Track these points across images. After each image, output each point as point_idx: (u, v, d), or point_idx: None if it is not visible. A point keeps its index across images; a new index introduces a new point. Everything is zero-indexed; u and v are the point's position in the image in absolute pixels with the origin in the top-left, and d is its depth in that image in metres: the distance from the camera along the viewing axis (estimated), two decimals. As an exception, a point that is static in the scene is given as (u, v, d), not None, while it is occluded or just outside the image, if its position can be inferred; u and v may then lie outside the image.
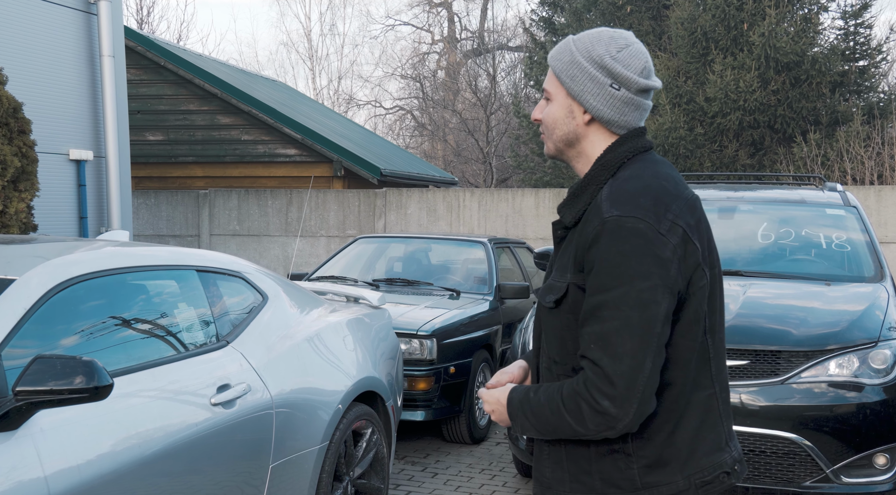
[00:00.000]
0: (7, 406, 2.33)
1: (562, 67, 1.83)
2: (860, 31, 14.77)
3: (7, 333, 2.49)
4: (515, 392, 1.83)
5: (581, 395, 1.67)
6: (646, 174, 1.80)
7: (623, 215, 1.70)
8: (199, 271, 3.44)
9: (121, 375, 2.76)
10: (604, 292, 1.68)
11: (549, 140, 1.88)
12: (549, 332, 1.84)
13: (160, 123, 12.49)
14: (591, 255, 1.71)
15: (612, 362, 1.65)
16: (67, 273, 2.80)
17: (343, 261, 7.26)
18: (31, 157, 5.17)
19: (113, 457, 2.62)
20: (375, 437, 4.13)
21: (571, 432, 1.72)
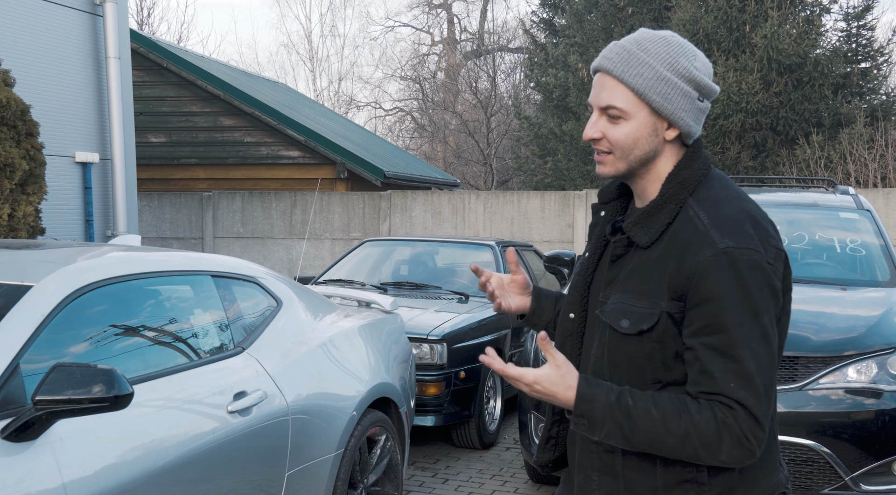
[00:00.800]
0: (27, 415, 2.29)
1: (645, 84, 1.68)
2: (862, 33, 14.77)
3: (25, 340, 2.45)
4: (595, 388, 1.65)
5: (730, 429, 1.59)
6: (731, 195, 1.73)
7: (738, 246, 1.62)
8: (214, 276, 3.40)
9: (138, 383, 2.72)
10: (733, 329, 1.60)
11: (622, 161, 1.72)
12: (620, 357, 1.71)
13: (162, 125, 12.45)
14: (703, 288, 1.61)
15: (758, 403, 1.60)
16: (84, 279, 2.75)
17: (350, 264, 7.22)
18: (39, 160, 5.12)
19: (131, 466, 2.58)
20: (389, 444, 4.09)
21: (688, 455, 1.62)
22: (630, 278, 1.71)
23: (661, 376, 1.67)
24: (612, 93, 1.70)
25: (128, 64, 7.19)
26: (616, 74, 1.69)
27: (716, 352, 1.60)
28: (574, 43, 16.46)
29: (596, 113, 1.73)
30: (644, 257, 1.70)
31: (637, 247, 1.72)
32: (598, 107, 1.72)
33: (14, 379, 2.38)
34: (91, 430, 2.50)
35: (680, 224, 1.68)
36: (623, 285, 1.72)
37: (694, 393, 1.63)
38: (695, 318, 1.62)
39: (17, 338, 2.43)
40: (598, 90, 1.72)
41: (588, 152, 15.39)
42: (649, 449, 1.63)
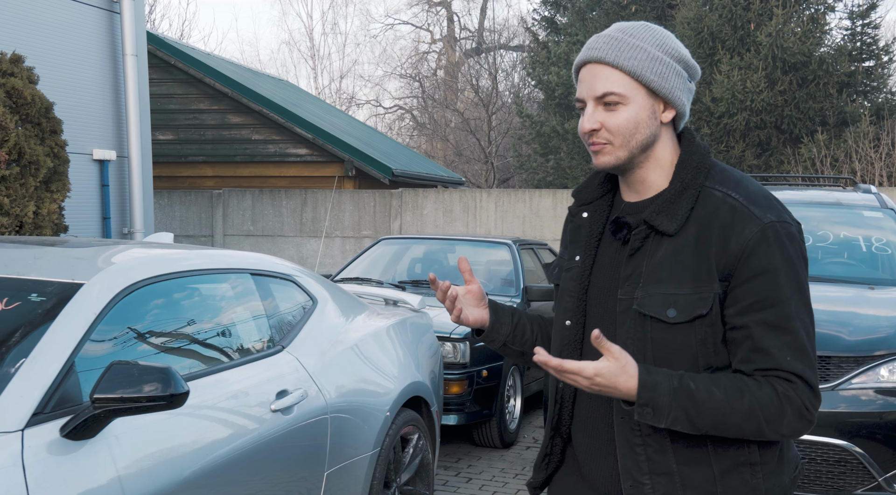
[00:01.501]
0: (86, 414, 2.27)
1: (642, 65, 1.67)
2: (867, 32, 14.75)
3: (80, 338, 2.43)
4: (657, 376, 1.61)
5: (791, 401, 1.61)
6: (743, 175, 1.76)
7: (778, 220, 1.65)
8: (253, 274, 3.38)
9: (187, 381, 2.70)
10: (784, 303, 1.62)
11: (623, 148, 1.70)
12: (668, 349, 1.66)
13: (170, 123, 12.42)
14: (752, 263, 1.62)
15: (813, 375, 1.63)
16: (132, 277, 2.74)
17: (366, 262, 7.21)
18: (63, 158, 5.09)
19: (184, 464, 2.56)
20: (421, 443, 4.08)
21: (752, 433, 1.63)
22: (661, 268, 1.67)
23: (713, 360, 1.66)
24: (607, 80, 1.68)
25: (144, 61, 7.17)
26: (610, 61, 1.68)
27: (769, 326, 1.61)
28: (576, 41, 16.45)
29: (591, 104, 1.70)
30: (673, 245, 1.67)
31: (659, 237, 1.69)
32: (593, 97, 1.70)
33: (70, 378, 2.37)
34: (144, 428, 2.49)
35: (709, 206, 1.67)
36: (653, 276, 1.67)
37: (748, 371, 1.64)
38: (744, 295, 1.62)
39: (72, 336, 2.42)
40: (591, 81, 1.70)
41: (590, 151, 15.30)
42: (713, 430, 1.62)
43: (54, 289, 2.55)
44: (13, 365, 2.29)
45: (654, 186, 1.76)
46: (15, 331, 2.43)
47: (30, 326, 2.44)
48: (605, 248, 1.79)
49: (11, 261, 2.77)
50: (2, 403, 2.19)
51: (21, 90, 4.77)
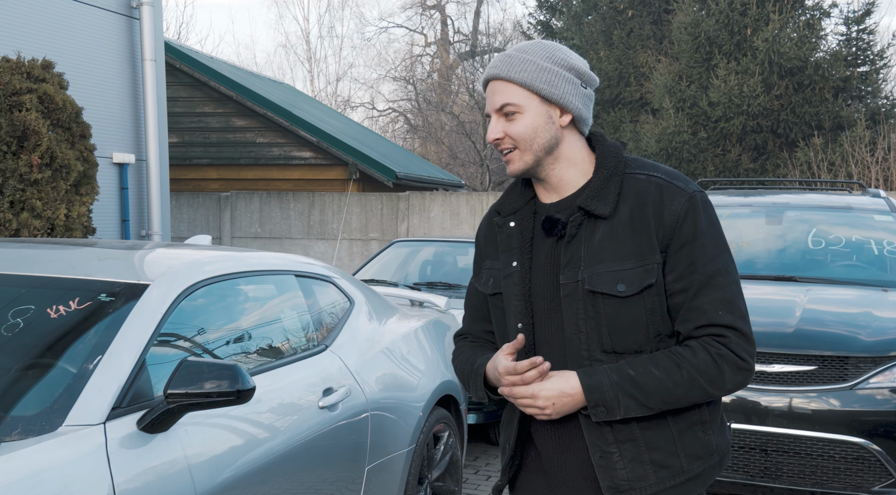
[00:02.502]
0: (160, 408, 2.37)
1: (531, 76, 1.84)
2: (862, 37, 14.89)
3: (150, 335, 2.53)
4: (598, 377, 1.77)
5: (725, 358, 1.77)
6: (650, 159, 2.01)
7: (698, 190, 1.86)
8: (298, 276, 3.49)
9: (244, 379, 2.80)
10: (713, 261, 1.80)
11: (528, 152, 1.86)
12: (623, 321, 1.80)
13: (175, 125, 12.48)
14: (684, 231, 1.81)
15: (745, 323, 1.81)
16: (193, 277, 2.84)
17: (380, 264, 7.30)
18: (92, 161, 5.18)
19: (243, 458, 2.66)
20: (451, 440, 4.18)
21: (699, 397, 1.79)
22: (602, 249, 1.82)
23: (662, 328, 1.82)
24: (503, 93, 1.86)
25: (162, 66, 7.25)
26: (504, 76, 1.85)
27: (702, 285, 1.79)
28: (573, 45, 16.56)
29: (494, 117, 1.88)
30: (609, 226, 1.83)
31: (593, 222, 1.84)
32: (494, 110, 1.88)
33: (142, 374, 2.46)
34: (209, 423, 2.59)
35: (636, 189, 1.85)
36: (595, 257, 1.82)
37: (686, 331, 1.80)
38: (679, 261, 1.80)
39: (143, 334, 2.51)
40: (492, 96, 1.89)
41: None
42: (665, 406, 1.79)
43: (122, 289, 2.65)
44: (91, 361, 2.39)
45: (572, 184, 1.91)
46: (88, 329, 2.52)
47: (102, 325, 2.53)
48: (538, 250, 1.92)
49: (78, 262, 2.86)
50: (85, 398, 2.28)
51: (52, 95, 4.87)
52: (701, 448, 1.85)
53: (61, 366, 2.42)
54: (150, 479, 2.29)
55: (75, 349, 2.48)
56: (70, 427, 2.22)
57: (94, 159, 5.24)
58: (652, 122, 14.38)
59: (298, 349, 3.26)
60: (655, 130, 13.83)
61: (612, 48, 15.76)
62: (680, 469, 1.83)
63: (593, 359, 1.81)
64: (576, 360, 1.83)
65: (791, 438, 4.18)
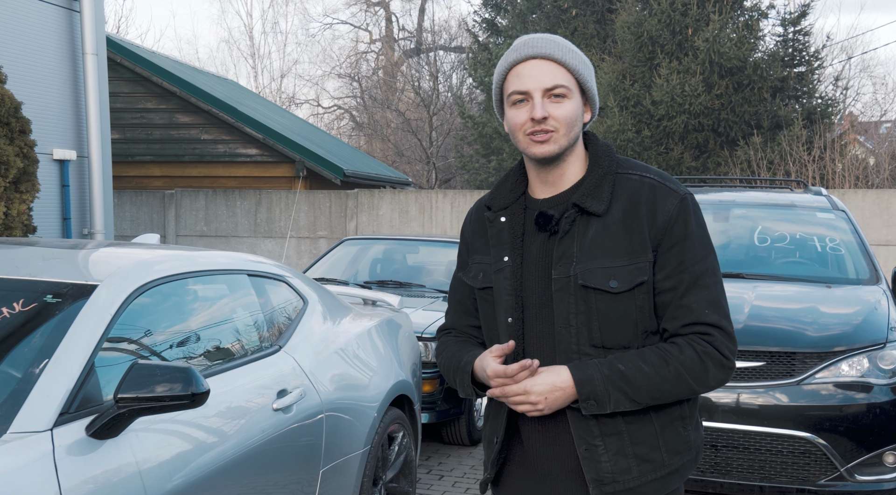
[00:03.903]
0: (110, 413, 2.29)
1: (580, 67, 1.87)
2: (798, 39, 15.19)
3: (99, 338, 2.45)
4: (589, 370, 1.79)
5: (711, 356, 1.82)
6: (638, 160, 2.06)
7: (689, 192, 1.90)
8: (250, 275, 3.42)
9: (197, 381, 2.73)
10: (701, 261, 1.85)
11: (564, 138, 1.86)
12: (612, 317, 1.82)
13: (116, 122, 12.19)
14: (675, 231, 1.84)
15: (728, 323, 1.85)
16: (143, 278, 2.76)
17: (329, 262, 7.23)
18: (32, 158, 5.01)
19: (196, 463, 2.60)
20: (406, 441, 4.15)
21: (684, 393, 1.84)
22: (595, 245, 1.84)
23: (649, 326, 1.86)
24: (555, 74, 1.85)
25: (104, 60, 7.06)
26: (557, 57, 1.84)
27: (690, 285, 1.84)
28: (517, 43, 16.62)
29: (539, 95, 1.84)
30: (602, 224, 1.85)
31: (586, 219, 1.86)
32: (542, 89, 1.84)
33: (91, 378, 2.39)
34: (161, 428, 2.51)
35: (629, 188, 1.88)
36: (588, 254, 1.84)
37: (673, 329, 1.84)
38: (669, 260, 1.84)
39: (92, 336, 2.43)
40: (538, 75, 1.84)
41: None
42: (652, 401, 1.83)
43: (69, 290, 2.56)
44: (37, 365, 2.30)
45: (569, 179, 1.93)
46: (33, 332, 2.44)
47: (48, 327, 2.45)
48: (529, 244, 1.92)
49: (21, 262, 2.76)
50: (31, 404, 2.20)
51: (-10, 90, 4.70)
52: (681, 443, 1.89)
53: (5, 371, 2.33)
54: (100, 487, 2.21)
55: (20, 352, 2.39)
56: (15, 434, 2.13)
57: (34, 155, 5.07)
58: (597, 120, 14.52)
59: (251, 350, 3.19)
60: (600, 128, 13.96)
61: (558, 47, 15.85)
62: (661, 463, 1.86)
63: (582, 353, 1.84)
64: (565, 354, 1.85)
65: (740, 433, 4.24)
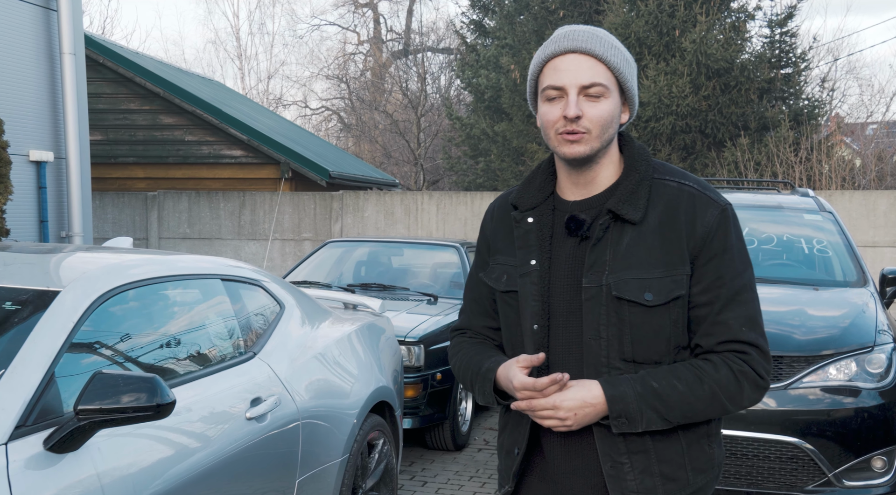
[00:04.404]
0: (70, 426, 2.20)
1: (621, 65, 1.75)
2: (785, 40, 15.19)
3: (59, 347, 2.35)
4: (622, 387, 1.71)
5: (747, 376, 1.74)
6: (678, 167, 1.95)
7: (729, 203, 1.81)
8: (224, 280, 3.32)
9: (165, 391, 2.64)
10: (740, 276, 1.76)
11: (597, 139, 1.75)
12: (645, 331, 1.74)
13: (99, 123, 12.06)
14: (714, 244, 1.76)
15: (765, 341, 1.78)
16: (109, 283, 2.66)
17: (312, 265, 7.13)
18: (5, 159, 4.90)
19: (163, 475, 2.50)
20: (386, 448, 4.06)
21: (717, 412, 1.77)
22: (630, 254, 1.74)
23: (681, 340, 1.78)
24: (593, 71, 1.73)
25: (82, 60, 6.94)
26: (597, 53, 1.72)
27: (727, 300, 1.75)
28: (505, 44, 16.59)
29: (574, 92, 1.72)
30: (638, 232, 1.75)
31: (621, 225, 1.76)
32: (578, 85, 1.72)
33: (51, 388, 2.29)
34: (126, 439, 2.42)
35: (667, 195, 1.78)
36: (622, 263, 1.74)
37: (708, 345, 1.76)
38: (706, 273, 1.75)
39: (52, 346, 2.34)
40: (576, 70, 1.73)
41: (520, 153, 15.52)
42: (684, 420, 1.75)
43: (30, 296, 2.46)
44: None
45: (601, 183, 1.83)
46: (-9, 340, 2.34)
47: (6, 336, 2.35)
48: (558, 248, 1.82)
49: (-20, 267, 2.66)
50: (-15, 417, 2.10)
51: (-40, 89, 4.57)
52: (706, 461, 1.83)
53: (-39, 382, 2.23)
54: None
55: (-23, 363, 2.29)
56: (-31, 449, 2.04)
57: (7, 157, 4.96)
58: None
59: (225, 357, 3.10)
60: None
61: (545, 48, 15.84)
62: (686, 481, 1.80)
63: (611, 366, 1.75)
64: (593, 366, 1.76)
65: (727, 439, 4.17)
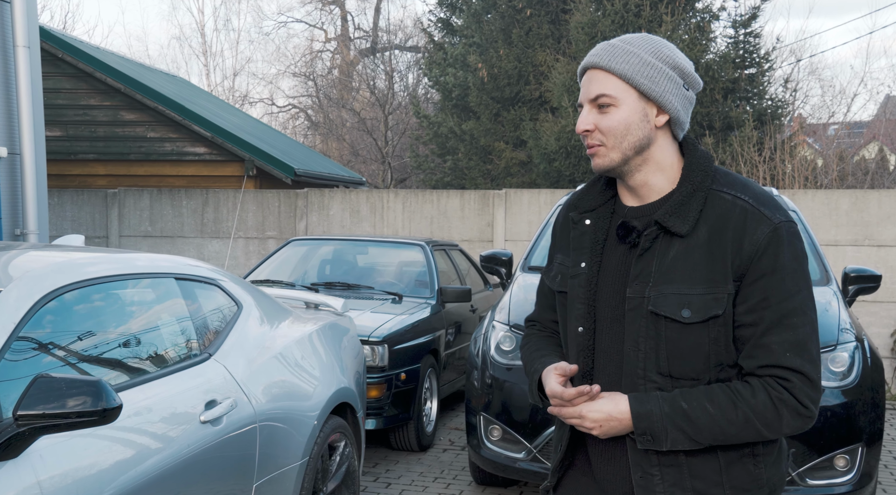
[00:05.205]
0: (9, 432, 2.10)
1: (632, 69, 1.75)
2: (749, 41, 15.31)
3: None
4: (649, 405, 1.70)
5: (786, 403, 1.67)
6: (744, 178, 1.82)
7: (786, 220, 1.72)
8: (178, 279, 3.22)
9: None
10: (790, 299, 1.69)
11: (616, 150, 1.76)
12: (682, 348, 1.71)
13: (58, 118, 11.82)
14: (764, 263, 1.69)
15: (813, 368, 1.69)
16: (52, 283, 2.56)
17: (275, 264, 7.02)
18: (-46, 154, 4.74)
19: (112, 482, 2.41)
20: (348, 450, 3.98)
21: (752, 437, 1.70)
22: (674, 269, 1.72)
23: (724, 358, 1.72)
24: (601, 83, 1.76)
25: (37, 53, 6.76)
26: (604, 65, 1.76)
27: (773, 323, 1.68)
28: (473, 43, 16.55)
29: (587, 107, 1.78)
30: (683, 246, 1.72)
31: (669, 238, 1.73)
32: (588, 100, 1.78)
33: (-10, 393, 2.19)
34: (70, 445, 2.32)
35: (720, 209, 1.73)
36: (665, 277, 1.72)
37: (750, 368, 1.70)
38: (752, 293, 1.69)
39: (-9, 348, 2.23)
40: (587, 85, 1.79)
41: (488, 152, 15.49)
42: (715, 442, 1.70)
43: (-32, 296, 2.35)
44: (-73, 381, 2.10)
45: (657, 190, 1.80)
46: (-74, 343, 2.23)
47: (-57, 338, 2.24)
48: (609, 254, 1.83)
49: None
50: (-83, 423, 2.00)
51: None
52: (750, 481, 1.75)
53: None
54: (-3, 514, 2.02)
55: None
56: None
57: (-44, 152, 4.79)
58: (551, 121, 14.47)
59: (178, 359, 3.00)
60: (555, 128, 13.90)
61: (512, 47, 15.82)
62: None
63: (648, 379, 1.74)
64: (631, 377, 1.76)
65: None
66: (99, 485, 2.36)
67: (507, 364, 4.64)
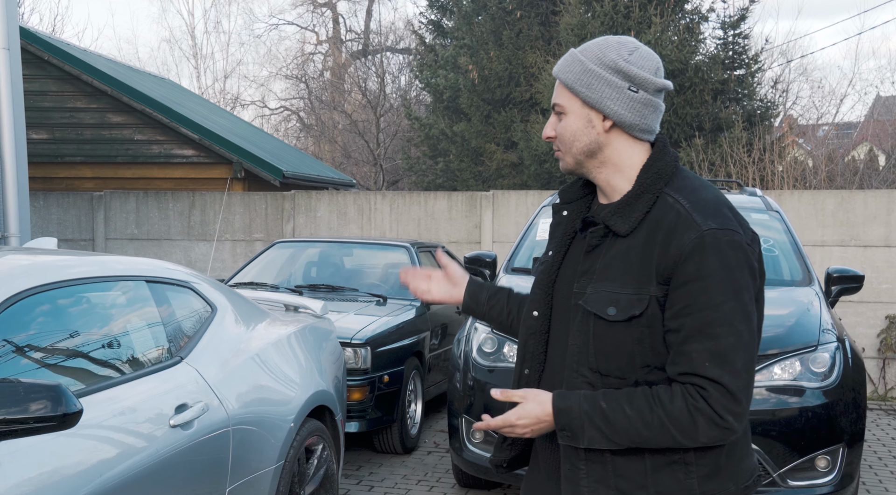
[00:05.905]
0: (-34, 439, 2.06)
1: (573, 78, 1.81)
2: (738, 42, 15.34)
3: (-42, 356, 2.22)
4: (570, 401, 1.73)
5: (702, 412, 1.66)
6: (705, 184, 1.83)
7: (720, 227, 1.70)
8: (149, 282, 3.19)
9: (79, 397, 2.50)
10: (714, 308, 1.66)
11: (568, 154, 1.85)
12: (607, 345, 1.74)
13: (44, 121, 11.77)
14: (687, 269, 1.68)
15: (734, 379, 1.66)
16: (16, 286, 2.52)
17: (260, 266, 6.99)
18: (-70, 156, 4.70)
19: (74, 489, 2.37)
20: (326, 453, 3.95)
21: (670, 443, 1.70)
22: (610, 267, 1.76)
23: (650, 360, 1.73)
24: (556, 92, 1.85)
25: (17, 55, 6.71)
26: (556, 75, 1.84)
27: (693, 330, 1.67)
28: (463, 45, 16.55)
29: (553, 114, 1.87)
30: (623, 245, 1.76)
31: (614, 237, 1.78)
32: (552, 108, 1.87)
33: (-52, 399, 2.15)
34: (31, 452, 2.29)
35: (661, 211, 1.75)
36: (603, 274, 1.76)
37: (672, 375, 1.71)
38: (677, 299, 1.69)
39: (-50, 353, 2.20)
40: (553, 94, 1.87)
41: (479, 153, 15.53)
42: (632, 444, 1.71)
43: (-72, 300, 2.32)
44: None
45: (619, 190, 1.84)
46: None
47: None
48: (575, 245, 1.88)
49: None
50: None
51: None
52: (678, 489, 1.74)
53: None
54: (-48, 521, 1.99)
55: None
56: None
57: (-68, 155, 4.75)
58: (542, 122, 14.47)
59: (147, 362, 2.97)
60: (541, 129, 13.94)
61: (502, 48, 15.82)
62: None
63: (580, 373, 1.78)
64: (571, 369, 1.80)
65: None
66: (62, 492, 2.33)
67: (489, 366, 4.61)
